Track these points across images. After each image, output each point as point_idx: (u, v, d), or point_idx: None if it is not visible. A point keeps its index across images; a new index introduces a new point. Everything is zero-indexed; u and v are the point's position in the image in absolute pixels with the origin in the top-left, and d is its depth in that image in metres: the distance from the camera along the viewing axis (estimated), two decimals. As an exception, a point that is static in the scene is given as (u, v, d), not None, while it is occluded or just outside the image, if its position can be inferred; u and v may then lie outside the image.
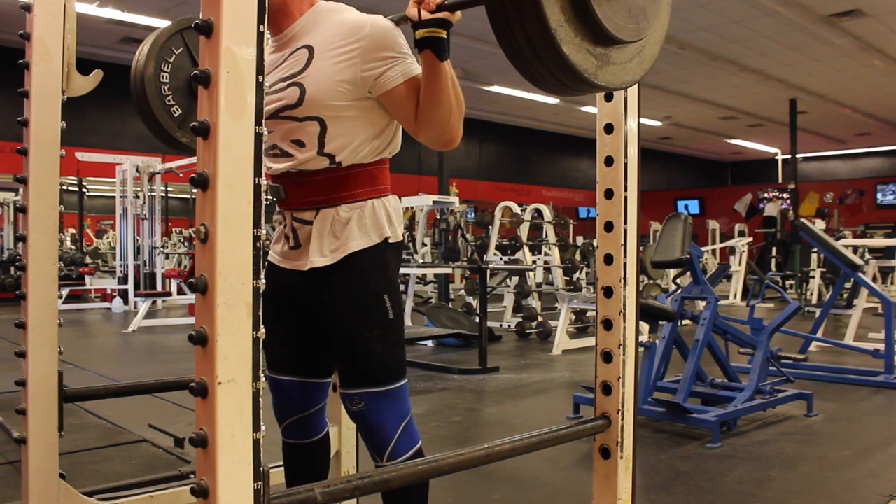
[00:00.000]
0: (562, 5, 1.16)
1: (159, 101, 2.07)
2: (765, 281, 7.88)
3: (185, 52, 2.11)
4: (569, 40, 1.17)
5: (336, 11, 1.63)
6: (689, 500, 2.76)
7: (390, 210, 1.67)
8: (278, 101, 1.59)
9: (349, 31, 1.55)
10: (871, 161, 22.48)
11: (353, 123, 1.59)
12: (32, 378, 1.72)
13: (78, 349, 6.70)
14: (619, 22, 1.23)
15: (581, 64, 1.21)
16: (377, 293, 1.61)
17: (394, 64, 1.54)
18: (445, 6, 1.45)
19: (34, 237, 1.72)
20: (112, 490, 2.43)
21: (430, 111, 1.54)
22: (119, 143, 12.88)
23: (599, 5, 1.18)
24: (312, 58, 1.57)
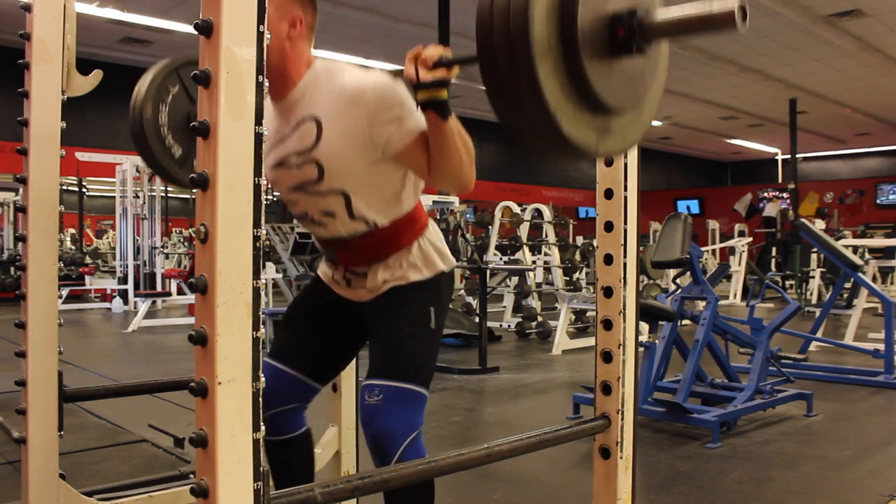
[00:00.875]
0: (561, 83, 1.12)
1: (158, 144, 2.08)
2: (765, 281, 7.88)
3: (182, 90, 2.10)
4: (568, 119, 1.14)
5: (333, 74, 1.61)
6: (689, 500, 2.76)
7: (436, 243, 1.75)
8: (299, 176, 1.63)
9: (351, 99, 1.54)
10: (871, 161, 22.48)
11: (376, 187, 1.64)
12: (32, 378, 1.72)
13: (78, 349, 6.70)
14: (618, 93, 1.20)
15: (582, 140, 1.18)
16: (424, 303, 1.69)
17: (400, 124, 1.55)
18: (443, 63, 1.43)
19: (34, 237, 1.72)
20: (112, 490, 2.42)
21: (440, 165, 1.56)
22: (119, 143, 12.87)
23: (598, 81, 1.14)
24: (321, 131, 1.57)
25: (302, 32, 1.62)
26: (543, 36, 1.07)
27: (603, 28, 1.13)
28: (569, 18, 1.09)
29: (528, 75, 1.07)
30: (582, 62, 1.10)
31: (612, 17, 1.14)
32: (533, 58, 1.06)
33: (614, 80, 1.17)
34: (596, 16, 1.12)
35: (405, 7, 10.27)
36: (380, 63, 12.90)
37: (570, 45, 1.09)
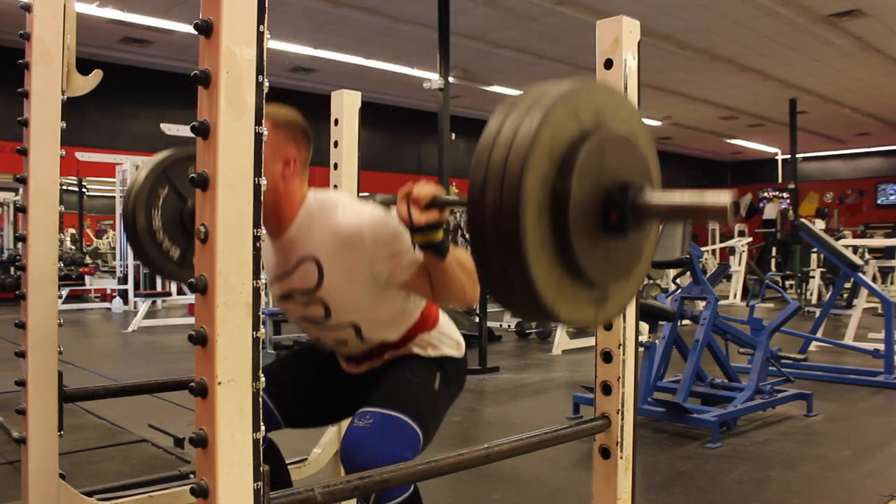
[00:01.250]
0: (557, 277, 1.10)
1: (156, 249, 2.09)
2: (765, 281, 7.88)
3: (171, 190, 2.10)
4: (567, 308, 1.13)
5: (328, 211, 1.60)
6: (689, 500, 2.76)
7: (446, 332, 1.79)
8: (307, 312, 1.66)
9: (348, 241, 1.55)
10: (871, 161, 22.47)
11: (383, 310, 1.67)
12: (32, 378, 1.72)
13: (78, 349, 6.70)
14: (612, 269, 1.18)
15: (581, 319, 1.18)
16: (430, 367, 1.72)
17: (400, 259, 1.56)
18: (436, 204, 1.42)
19: (34, 237, 1.72)
20: (112, 490, 2.42)
21: (443, 293, 1.58)
22: (119, 143, 12.88)
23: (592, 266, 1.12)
24: (322, 272, 1.59)
25: (296, 170, 1.61)
26: (536, 236, 1.05)
27: (595, 212, 1.11)
28: (561, 214, 1.07)
29: (523, 277, 1.05)
30: (576, 254, 1.08)
31: (604, 200, 1.12)
32: (527, 262, 1.04)
33: (609, 257, 1.16)
34: (588, 202, 1.09)
35: (405, 7, 10.26)
36: (380, 63, 12.91)
37: (563, 238, 1.08)
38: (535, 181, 1.04)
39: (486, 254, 1.08)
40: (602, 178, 1.12)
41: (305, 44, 11.69)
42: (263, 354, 1.06)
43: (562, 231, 1.07)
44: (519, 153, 1.03)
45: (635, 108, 1.23)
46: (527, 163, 1.02)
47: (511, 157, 1.04)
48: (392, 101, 15.80)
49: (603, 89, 1.18)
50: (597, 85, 1.17)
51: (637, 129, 1.23)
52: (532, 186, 1.04)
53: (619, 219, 1.11)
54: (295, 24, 10.75)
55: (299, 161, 1.62)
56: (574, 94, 1.11)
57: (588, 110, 1.13)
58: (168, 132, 10.06)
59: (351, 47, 12.09)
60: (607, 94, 1.19)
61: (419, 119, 16.36)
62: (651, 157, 1.25)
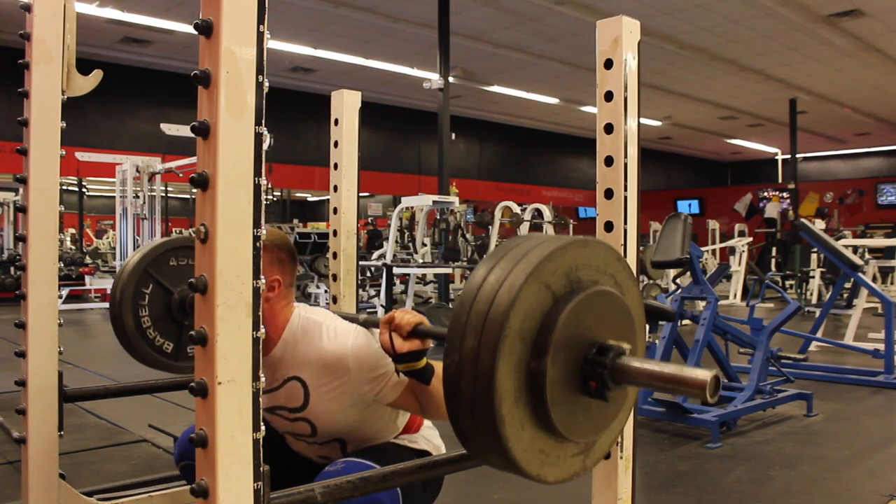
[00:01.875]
0: (540, 449, 1.09)
1: (149, 346, 2.11)
2: (765, 281, 7.88)
3: (156, 286, 2.10)
4: (553, 469, 1.12)
5: (311, 335, 1.60)
6: (689, 500, 2.76)
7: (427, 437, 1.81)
8: (291, 428, 1.67)
9: (332, 368, 1.56)
10: (871, 161, 22.47)
11: (370, 424, 1.67)
12: (32, 378, 1.72)
13: (78, 349, 6.70)
14: (594, 426, 1.15)
15: (570, 473, 1.17)
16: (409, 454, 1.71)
17: (385, 382, 1.56)
18: (418, 333, 1.44)
19: (34, 237, 1.72)
20: (112, 490, 2.43)
21: (431, 412, 1.60)
22: (119, 143, 12.88)
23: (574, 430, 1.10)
24: (308, 393, 1.60)
25: (280, 293, 1.62)
26: (515, 420, 1.03)
27: (574, 381, 1.09)
28: (539, 393, 1.04)
29: (505, 458, 1.04)
30: (557, 427, 1.06)
31: (582, 366, 1.09)
32: (509, 448, 1.03)
33: (592, 416, 1.13)
34: (566, 374, 1.07)
35: (405, 7, 10.27)
36: (380, 63, 12.91)
37: (542, 414, 1.06)
38: (509, 369, 1.01)
39: (466, 433, 1.06)
40: (579, 345, 1.09)
41: (305, 44, 11.69)
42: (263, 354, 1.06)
43: (541, 409, 1.05)
44: (490, 342, 1.00)
45: (611, 250, 1.18)
46: (498, 353, 0.99)
47: (482, 347, 1.00)
48: (392, 101, 15.79)
49: (574, 246, 1.12)
50: (568, 244, 1.10)
51: (615, 270, 1.19)
52: (506, 375, 1.01)
53: (599, 387, 1.09)
54: (295, 24, 10.75)
55: (284, 283, 1.62)
56: (543, 265, 1.06)
57: (559, 276, 1.08)
58: (168, 132, 10.06)
59: (351, 47, 12.09)
60: (579, 250, 1.13)
61: (419, 119, 16.36)
62: (631, 294, 1.21)
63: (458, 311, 1.04)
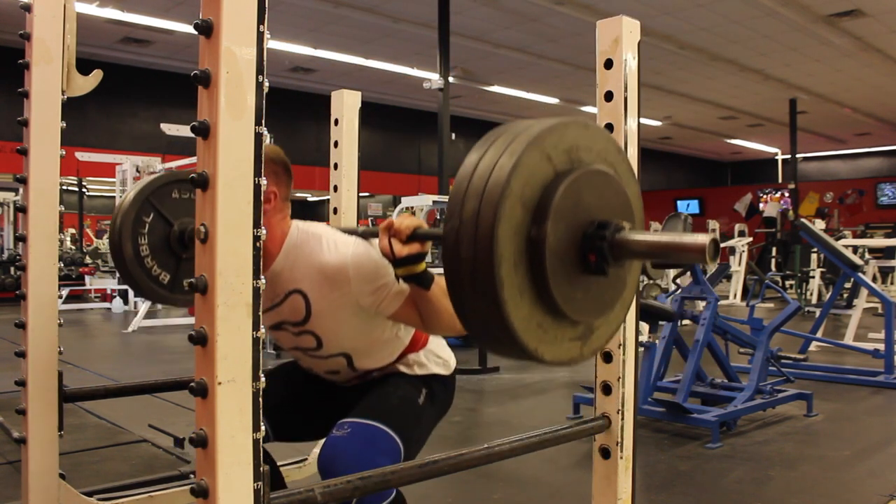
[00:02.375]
0: (538, 322, 1.08)
1: (147, 277, 2.09)
2: (765, 281, 7.89)
3: (156, 215, 2.10)
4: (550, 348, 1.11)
5: (311, 247, 1.61)
6: (689, 500, 2.76)
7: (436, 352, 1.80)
8: (297, 342, 1.69)
9: (332, 280, 1.57)
10: (871, 161, 22.47)
11: (374, 338, 1.69)
12: (32, 378, 1.72)
13: (78, 349, 6.70)
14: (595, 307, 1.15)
15: (567, 357, 1.16)
16: (416, 384, 1.73)
17: (387, 291, 1.57)
18: (417, 237, 1.43)
19: (34, 237, 1.72)
20: (112, 490, 2.43)
21: (432, 323, 1.59)
22: (119, 143, 12.88)
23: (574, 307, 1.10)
24: (310, 304, 1.61)
25: (277, 206, 1.63)
26: (514, 285, 1.03)
27: (573, 254, 1.09)
28: (538, 261, 1.05)
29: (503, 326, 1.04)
30: (555, 297, 1.06)
31: (581, 240, 1.09)
32: (506, 311, 1.02)
33: (591, 296, 1.13)
34: (565, 245, 1.07)
35: (405, 7, 10.27)
36: (380, 63, 12.91)
37: (541, 283, 1.06)
38: (509, 232, 1.02)
39: (464, 305, 1.06)
40: (579, 220, 1.10)
41: (305, 44, 11.69)
42: (263, 354, 1.06)
43: (540, 278, 1.05)
44: (490, 204, 1.01)
45: (612, 139, 1.19)
46: (499, 214, 1.00)
47: (483, 209, 1.01)
48: (392, 101, 15.79)
49: (576, 126, 1.14)
50: (569, 122, 1.12)
51: (614, 160, 1.20)
52: (506, 238, 1.01)
53: (598, 260, 1.09)
54: (295, 24, 10.75)
55: (280, 196, 1.63)
56: (545, 137, 1.07)
57: (561, 150, 1.10)
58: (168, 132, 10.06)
59: (351, 47, 12.09)
60: (581, 130, 1.15)
61: (419, 119, 16.36)
62: (631, 187, 1.21)
63: (460, 180, 1.06)
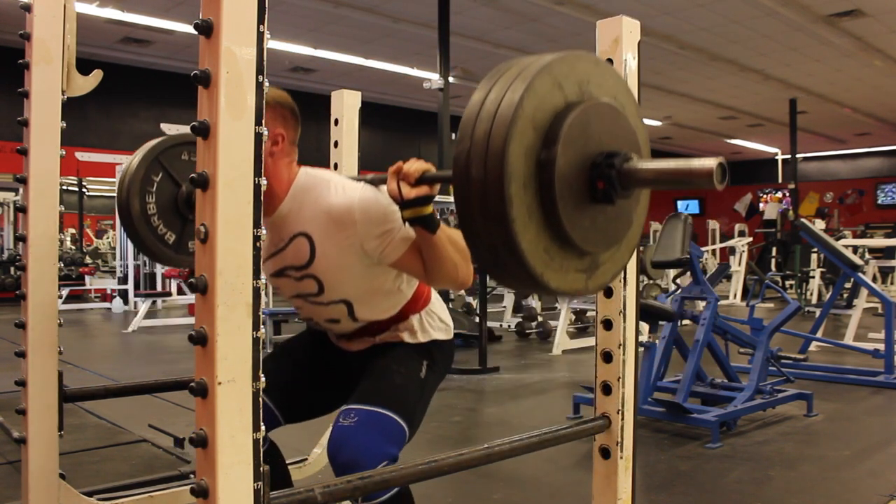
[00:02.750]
0: (545, 247, 1.10)
1: (153, 236, 2.10)
2: (765, 281, 7.88)
3: (165, 175, 2.11)
4: (555, 274, 1.12)
5: (318, 190, 1.61)
6: (689, 500, 2.76)
7: (438, 313, 1.80)
8: (298, 287, 1.67)
9: (339, 220, 1.57)
10: (871, 161, 22.46)
11: (375, 288, 1.68)
12: (32, 378, 1.72)
13: (78, 349, 6.70)
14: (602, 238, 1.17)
15: (571, 287, 1.17)
16: (417, 356, 1.73)
17: (391, 237, 1.57)
18: (426, 179, 1.43)
19: (34, 237, 1.72)
20: (112, 490, 2.43)
21: (435, 271, 1.58)
22: (119, 143, 12.87)
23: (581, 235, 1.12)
24: (314, 247, 1.60)
25: (284, 148, 1.62)
26: (523, 206, 1.04)
27: (582, 181, 1.11)
28: (547, 184, 1.06)
29: (510, 247, 1.05)
30: (563, 223, 1.08)
31: (590, 168, 1.11)
32: (514, 231, 1.04)
33: (598, 226, 1.15)
34: (574, 171, 1.09)
35: (405, 7, 10.26)
36: (380, 63, 12.90)
37: (550, 208, 1.07)
38: (520, 152, 1.04)
39: (473, 226, 1.08)
40: (588, 148, 1.12)
41: (305, 44, 11.69)
42: (263, 354, 1.06)
43: (548, 201, 1.07)
44: (502, 125, 1.03)
45: (621, 78, 1.22)
46: (510, 134, 1.02)
47: (494, 130, 1.03)
48: (392, 101, 15.79)
49: (587, 60, 1.16)
50: (581, 55, 1.14)
51: (624, 100, 1.22)
52: (516, 157, 1.03)
53: (607, 187, 1.11)
54: (295, 24, 10.74)
55: (288, 139, 1.63)
56: (557, 65, 1.10)
57: (572, 81, 1.12)
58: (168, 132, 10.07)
59: (351, 47, 12.08)
60: (592, 65, 1.17)
61: (419, 119, 16.36)
62: (638, 126, 1.23)
63: (471, 106, 1.07)
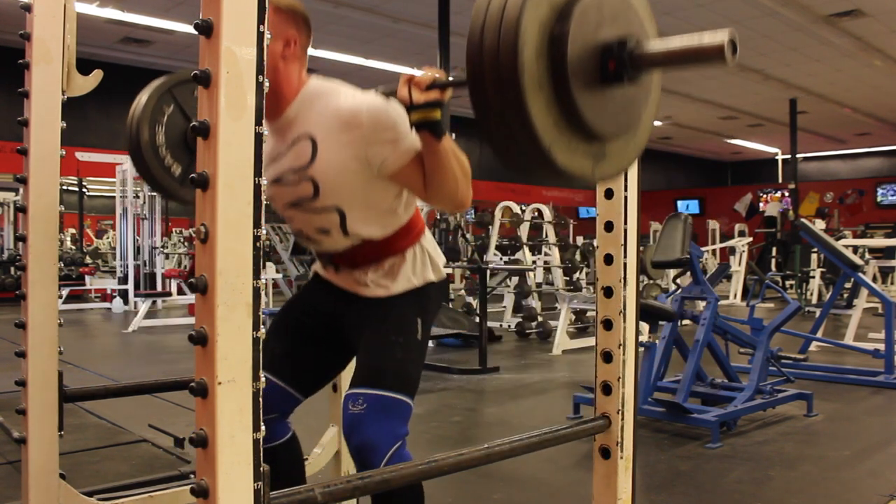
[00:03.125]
0: (554, 119, 1.12)
1: (158, 165, 2.08)
2: (765, 281, 7.89)
3: (177, 109, 2.10)
4: (563, 151, 1.14)
5: (328, 94, 1.62)
6: (689, 500, 2.76)
7: (430, 250, 1.77)
8: (294, 193, 1.65)
9: (346, 122, 1.56)
10: (871, 161, 22.47)
11: (371, 203, 1.66)
12: (32, 378, 1.72)
13: (78, 349, 6.70)
14: (611, 121, 1.20)
15: (578, 169, 1.18)
16: (411, 313, 1.70)
17: (395, 146, 1.56)
18: (437, 85, 1.44)
19: (34, 237, 1.72)
20: (112, 490, 2.42)
21: (435, 185, 1.58)
22: (119, 143, 12.82)
23: (591, 113, 1.14)
24: (316, 149, 1.59)
25: (296, 52, 1.63)
26: (534, 75, 1.07)
27: (593, 60, 1.13)
28: (559, 57, 1.09)
29: (520, 115, 1.07)
30: (574, 97, 1.10)
31: (602, 49, 1.14)
32: (525, 98, 1.05)
33: (607, 109, 1.18)
34: (586, 49, 1.12)
35: (405, 7, 10.27)
36: (380, 63, 12.90)
37: (561, 81, 1.09)
38: (534, 23, 1.06)
39: (484, 95, 1.09)
40: (600, 33, 1.15)
41: (305, 44, 11.69)
42: (263, 353, 1.06)
43: (560, 74, 1.09)
44: None
45: None
46: (525, 5, 1.05)
47: (509, 2, 1.06)
48: (392, 101, 15.79)
49: None
50: None
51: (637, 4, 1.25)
52: (531, 26, 1.06)
53: (618, 67, 1.13)
54: (295, 24, 10.74)
55: (300, 44, 1.64)
56: None
57: None
58: (168, 132, 10.06)
59: (351, 47, 12.09)
60: None
61: (419, 119, 16.35)
62: (647, 18, 1.26)
63: None
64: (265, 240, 1.55)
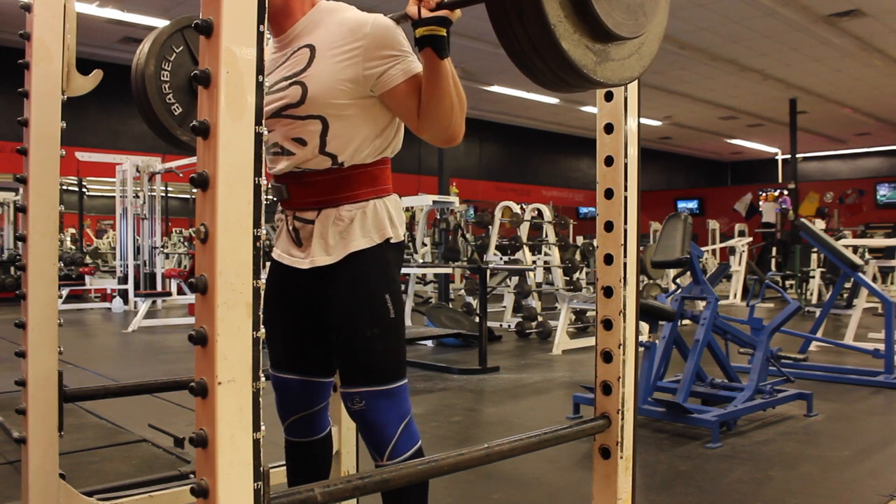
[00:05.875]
0: (561, 2, 1.18)
1: (160, 100, 2.07)
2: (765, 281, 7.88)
3: (186, 50, 2.11)
4: (568, 36, 1.19)
5: (337, 11, 1.63)
6: (689, 500, 2.76)
7: (391, 210, 1.67)
8: (280, 99, 1.61)
9: (350, 30, 1.56)
10: (871, 161, 22.48)
11: (355, 122, 1.60)
12: (32, 378, 1.72)
13: (78, 349, 6.70)
14: (617, 18, 1.24)
15: (580, 60, 1.22)
16: (378, 292, 1.61)
17: (395, 62, 1.55)
18: (445, 4, 1.45)
19: (34, 237, 1.72)
20: (112, 490, 2.43)
21: (431, 109, 1.55)
22: (119, 142, 12.88)
23: (599, 1, 1.20)
24: (314, 57, 1.58)
25: None
26: None
27: None
28: None
29: None
30: None
31: None
32: None
33: (614, 4, 1.23)
34: None
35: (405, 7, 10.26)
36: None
37: None
38: None
39: None
40: None
41: (305, 44, 11.70)
42: (263, 354, 1.06)
43: None
44: None
45: None
46: None
47: None
48: (392, 101, 15.78)
49: None
50: None
51: None
52: None
53: None
54: (295, 24, 10.75)
55: None
56: None
57: None
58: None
59: None
60: None
61: (419, 119, 16.35)
62: None
63: None
64: (265, 240, 1.53)
